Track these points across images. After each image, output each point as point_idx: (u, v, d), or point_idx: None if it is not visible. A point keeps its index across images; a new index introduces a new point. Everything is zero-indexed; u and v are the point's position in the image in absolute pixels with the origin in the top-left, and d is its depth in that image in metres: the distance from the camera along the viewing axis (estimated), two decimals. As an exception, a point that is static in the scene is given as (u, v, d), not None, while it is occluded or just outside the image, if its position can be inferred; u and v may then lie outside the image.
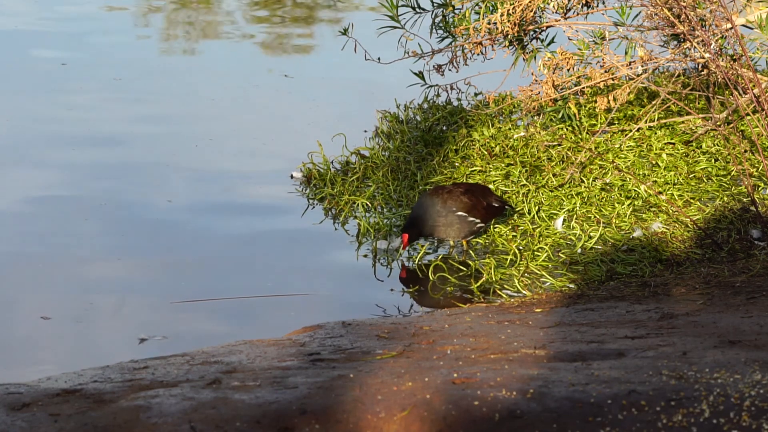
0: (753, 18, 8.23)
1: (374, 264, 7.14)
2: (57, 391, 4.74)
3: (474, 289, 6.74)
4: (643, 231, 7.26)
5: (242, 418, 4.32)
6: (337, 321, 5.90)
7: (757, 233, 7.16)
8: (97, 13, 13.09)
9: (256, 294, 6.66)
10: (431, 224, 7.04)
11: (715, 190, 7.79)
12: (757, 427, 4.14)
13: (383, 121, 9.18)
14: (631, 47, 8.04)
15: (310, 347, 5.40)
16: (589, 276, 6.81)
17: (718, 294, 6.17)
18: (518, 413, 4.26)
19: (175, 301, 6.53)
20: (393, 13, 8.53)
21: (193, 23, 12.91)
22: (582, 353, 5.03)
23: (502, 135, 8.53)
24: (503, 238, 7.32)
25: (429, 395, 4.41)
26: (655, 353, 4.94)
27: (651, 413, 4.24)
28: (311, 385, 4.60)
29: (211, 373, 4.93)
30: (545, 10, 8.39)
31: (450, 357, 5.03)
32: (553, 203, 7.61)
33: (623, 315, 5.85)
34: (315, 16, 13.48)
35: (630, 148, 8.27)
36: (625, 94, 7.97)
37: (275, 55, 11.82)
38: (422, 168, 8.18)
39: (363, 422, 4.28)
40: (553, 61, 8.07)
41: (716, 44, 7.87)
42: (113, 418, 4.38)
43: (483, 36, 8.34)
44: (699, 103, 8.77)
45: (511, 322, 5.79)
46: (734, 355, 4.84)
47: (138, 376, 4.95)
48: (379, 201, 7.77)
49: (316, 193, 8.05)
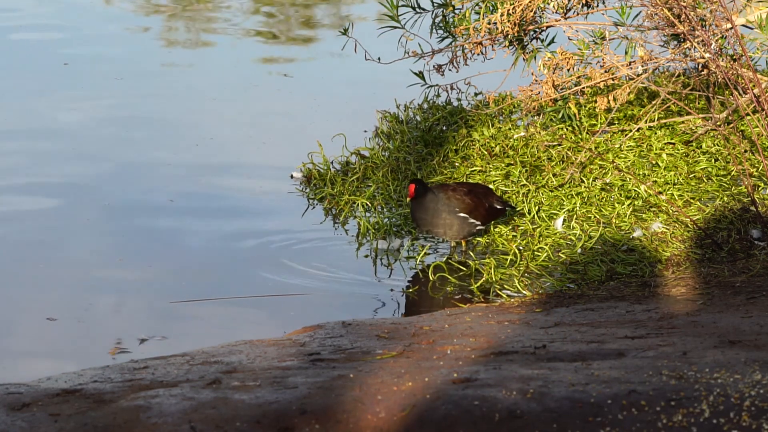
0: (753, 18, 8.23)
1: (374, 264, 7.14)
2: (57, 391, 4.74)
3: (474, 289, 6.74)
4: (643, 231, 7.26)
5: (242, 418, 4.32)
6: (337, 321, 5.90)
7: (757, 233, 7.16)
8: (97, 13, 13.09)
9: (256, 294, 6.66)
10: (431, 221, 7.04)
11: (715, 190, 7.79)
12: (757, 427, 4.14)
13: (383, 121, 9.18)
14: (631, 47, 8.04)
15: (310, 347, 5.40)
16: (589, 276, 6.81)
17: (718, 294, 6.17)
18: (518, 413, 4.26)
19: (175, 301, 6.53)
20: (393, 13, 8.53)
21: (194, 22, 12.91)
22: (582, 353, 5.03)
23: (502, 135, 8.53)
24: (503, 238, 7.32)
25: (429, 395, 4.41)
26: (655, 353, 4.94)
27: (651, 413, 4.24)
28: (311, 385, 4.60)
29: (211, 373, 4.93)
30: (545, 10, 8.39)
31: (450, 357, 5.03)
32: (553, 203, 7.61)
33: (623, 315, 5.85)
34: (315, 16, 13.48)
35: (630, 148, 8.27)
36: (625, 94, 7.97)
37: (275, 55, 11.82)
38: (422, 168, 8.17)
39: (363, 422, 4.28)
40: (553, 61, 8.07)
41: (716, 44, 7.87)
42: (113, 418, 4.38)
43: (483, 36, 8.34)
44: (699, 103, 8.77)
45: (511, 322, 5.79)
46: (734, 355, 4.85)
47: (138, 376, 4.95)
48: (379, 201, 7.77)
49: (316, 193, 8.05)
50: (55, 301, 6.47)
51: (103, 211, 7.70)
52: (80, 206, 7.76)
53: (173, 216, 7.69)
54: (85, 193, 8.00)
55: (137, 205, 7.83)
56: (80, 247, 7.19)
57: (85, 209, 7.72)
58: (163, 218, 7.65)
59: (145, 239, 7.35)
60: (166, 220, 7.63)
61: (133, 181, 8.25)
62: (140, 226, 7.52)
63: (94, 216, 7.63)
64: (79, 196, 7.92)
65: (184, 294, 6.61)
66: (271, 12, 13.49)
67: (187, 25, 12.81)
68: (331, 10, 13.72)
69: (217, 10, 13.52)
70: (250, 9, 13.55)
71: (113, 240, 7.31)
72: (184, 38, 12.25)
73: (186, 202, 7.91)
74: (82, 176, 8.29)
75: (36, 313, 6.34)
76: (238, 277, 6.87)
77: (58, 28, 12.26)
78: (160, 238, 7.39)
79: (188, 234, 7.45)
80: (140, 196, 7.99)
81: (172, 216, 7.69)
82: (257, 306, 6.55)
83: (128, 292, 6.64)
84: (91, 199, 7.88)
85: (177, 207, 7.83)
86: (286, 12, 13.54)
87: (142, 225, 7.54)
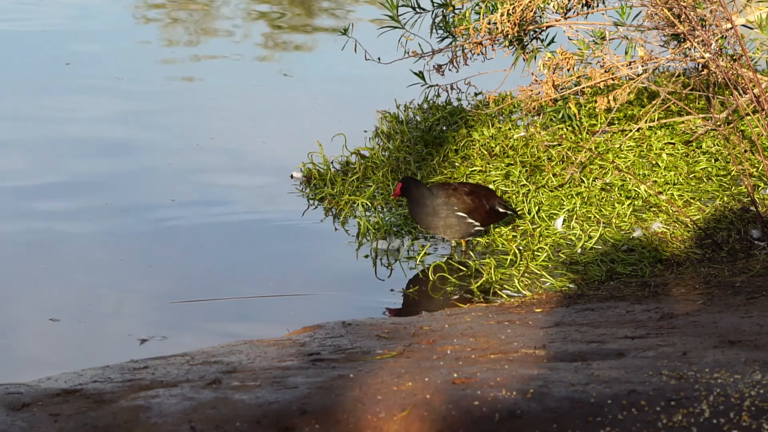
0: (753, 18, 8.23)
1: (374, 264, 7.14)
2: (57, 391, 4.74)
3: (474, 289, 6.74)
4: (643, 231, 7.26)
5: (242, 418, 4.32)
6: (337, 321, 5.90)
7: (757, 233, 7.16)
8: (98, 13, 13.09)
9: (256, 294, 6.66)
10: (430, 219, 7.04)
11: (715, 190, 7.79)
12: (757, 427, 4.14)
13: (383, 121, 9.18)
14: (631, 47, 8.04)
15: (310, 347, 5.40)
16: (589, 276, 6.81)
17: (718, 294, 6.17)
18: (518, 413, 4.26)
19: (175, 301, 6.53)
20: (393, 13, 8.53)
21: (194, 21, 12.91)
22: (582, 353, 5.03)
23: (502, 135, 8.53)
24: (503, 238, 7.32)
25: (429, 395, 4.41)
26: (655, 353, 4.94)
27: (651, 413, 4.24)
28: (311, 385, 4.60)
29: (211, 373, 4.93)
30: (545, 10, 8.39)
31: (450, 357, 5.03)
32: (553, 203, 7.61)
33: (623, 315, 5.85)
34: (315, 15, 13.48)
35: (630, 148, 8.27)
36: (625, 94, 7.97)
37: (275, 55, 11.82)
38: (422, 168, 8.18)
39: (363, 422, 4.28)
40: (553, 61, 8.07)
41: (716, 44, 7.87)
42: (113, 418, 4.38)
43: (483, 36, 8.34)
44: (699, 103, 8.77)
45: (511, 322, 5.79)
46: (734, 355, 4.84)
47: (138, 376, 4.95)
48: (379, 201, 7.77)
49: (316, 193, 8.05)
50: (55, 301, 6.47)
51: (105, 211, 7.70)
52: (82, 206, 7.76)
53: (174, 216, 7.69)
54: (86, 193, 8.00)
55: (138, 205, 7.83)
56: (81, 246, 7.19)
57: (87, 209, 7.71)
58: (163, 218, 7.65)
59: (146, 239, 7.35)
60: (166, 220, 7.63)
61: (134, 181, 8.25)
62: (141, 226, 7.52)
63: (96, 216, 7.63)
64: (80, 196, 7.92)
65: (184, 294, 6.61)
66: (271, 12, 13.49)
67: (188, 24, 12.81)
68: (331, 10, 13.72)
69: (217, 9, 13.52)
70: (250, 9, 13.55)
71: (114, 240, 7.31)
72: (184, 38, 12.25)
73: (187, 202, 7.91)
74: (83, 176, 8.28)
75: (36, 313, 6.33)
76: (238, 277, 6.87)
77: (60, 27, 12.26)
78: (160, 237, 7.39)
79: (189, 234, 7.45)
80: (141, 196, 7.99)
81: (172, 216, 7.69)
82: (257, 306, 6.55)
83: (129, 292, 6.64)
84: (92, 199, 7.88)
85: (178, 206, 7.83)
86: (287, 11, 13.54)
87: (143, 225, 7.54)
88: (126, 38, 12.10)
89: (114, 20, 12.80)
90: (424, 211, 7.03)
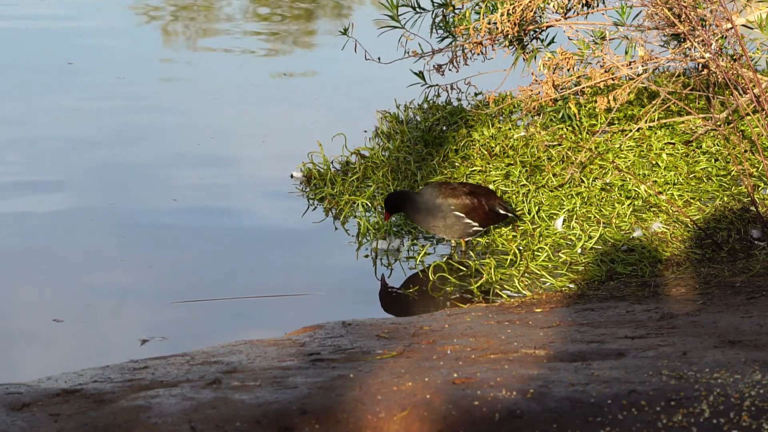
0: (753, 18, 8.23)
1: (374, 264, 7.14)
2: (57, 391, 4.74)
3: (474, 289, 6.74)
4: (643, 231, 7.26)
5: (242, 418, 4.32)
6: (337, 321, 5.90)
7: (757, 233, 7.16)
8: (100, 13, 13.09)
9: (256, 294, 6.66)
10: (429, 220, 7.03)
11: (715, 190, 7.79)
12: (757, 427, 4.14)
13: (383, 121, 9.19)
14: (631, 47, 8.04)
15: (310, 347, 5.40)
16: (589, 276, 6.81)
17: (718, 294, 6.17)
18: (518, 413, 4.26)
19: (175, 301, 6.53)
20: (393, 13, 8.53)
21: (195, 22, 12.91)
22: (582, 353, 5.03)
23: (502, 135, 8.54)
24: (503, 238, 7.32)
25: (429, 395, 4.41)
26: (655, 353, 4.94)
27: (651, 413, 4.24)
28: (311, 385, 4.60)
29: (211, 373, 4.93)
30: (545, 10, 8.39)
31: (450, 357, 5.03)
32: (553, 203, 7.61)
33: (623, 315, 5.86)
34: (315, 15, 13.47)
35: (630, 148, 8.27)
36: (625, 94, 7.97)
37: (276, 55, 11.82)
38: (422, 168, 8.18)
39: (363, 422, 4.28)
40: (553, 61, 8.07)
41: (716, 44, 7.87)
42: (113, 418, 4.38)
43: (483, 36, 8.35)
44: (699, 103, 8.77)
45: (511, 322, 5.79)
46: (734, 355, 4.85)
47: (138, 376, 4.96)
48: (379, 201, 7.77)
49: (316, 193, 8.05)
50: (56, 301, 6.47)
51: (106, 211, 7.71)
52: (83, 206, 7.76)
53: (175, 216, 7.69)
54: (87, 193, 8.00)
55: (139, 205, 7.84)
56: (82, 246, 7.19)
57: (88, 209, 7.72)
58: (164, 218, 7.65)
59: (147, 239, 7.35)
60: (167, 219, 7.63)
61: (135, 180, 8.25)
62: (142, 226, 7.52)
63: (97, 216, 7.63)
64: (81, 196, 7.92)
65: (184, 294, 6.61)
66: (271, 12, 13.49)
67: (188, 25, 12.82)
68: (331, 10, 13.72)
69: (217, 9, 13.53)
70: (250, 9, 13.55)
71: (115, 240, 7.31)
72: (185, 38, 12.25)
73: (187, 202, 7.91)
74: (85, 176, 8.29)
75: (36, 312, 6.33)
76: (238, 277, 6.87)
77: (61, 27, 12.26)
78: (161, 237, 7.39)
79: (189, 234, 7.45)
80: (142, 196, 7.99)
81: (173, 216, 7.69)
82: (257, 306, 6.55)
83: (129, 292, 6.64)
84: (93, 199, 7.88)
85: (178, 206, 7.83)
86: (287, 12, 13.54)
87: (144, 225, 7.54)
88: (127, 38, 12.10)
89: (116, 20, 12.81)
90: (422, 214, 7.03)
